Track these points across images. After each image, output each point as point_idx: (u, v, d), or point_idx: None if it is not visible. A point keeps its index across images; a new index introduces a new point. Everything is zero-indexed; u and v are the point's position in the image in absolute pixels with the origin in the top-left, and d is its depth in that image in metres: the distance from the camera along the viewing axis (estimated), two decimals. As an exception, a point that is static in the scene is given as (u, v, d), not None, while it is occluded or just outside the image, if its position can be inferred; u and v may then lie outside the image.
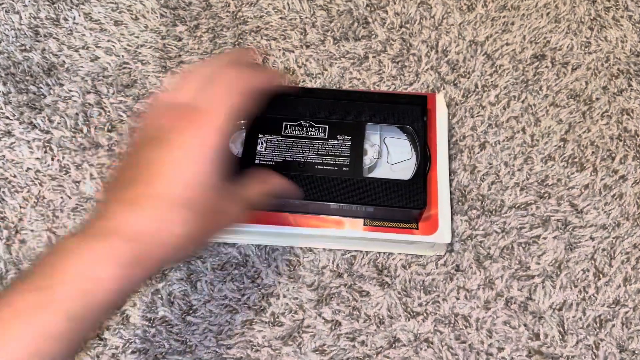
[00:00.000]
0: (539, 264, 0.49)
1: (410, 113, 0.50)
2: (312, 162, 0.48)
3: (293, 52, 0.59)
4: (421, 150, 0.49)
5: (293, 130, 0.49)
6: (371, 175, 0.49)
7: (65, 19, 0.61)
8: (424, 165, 0.48)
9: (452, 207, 0.51)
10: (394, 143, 0.51)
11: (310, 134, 0.49)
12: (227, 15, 0.61)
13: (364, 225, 0.48)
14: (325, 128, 0.49)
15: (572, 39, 0.60)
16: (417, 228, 0.48)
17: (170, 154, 0.35)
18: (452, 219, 0.50)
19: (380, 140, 0.51)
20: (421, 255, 0.50)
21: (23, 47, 0.59)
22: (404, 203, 0.46)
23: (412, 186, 0.47)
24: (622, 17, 0.61)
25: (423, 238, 0.47)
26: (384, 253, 0.50)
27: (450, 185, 0.52)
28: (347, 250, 0.50)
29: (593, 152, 0.54)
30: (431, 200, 0.48)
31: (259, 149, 0.49)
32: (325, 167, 0.48)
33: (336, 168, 0.48)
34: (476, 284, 0.49)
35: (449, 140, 0.53)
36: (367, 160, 0.50)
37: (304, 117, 0.50)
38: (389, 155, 0.50)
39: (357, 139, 0.49)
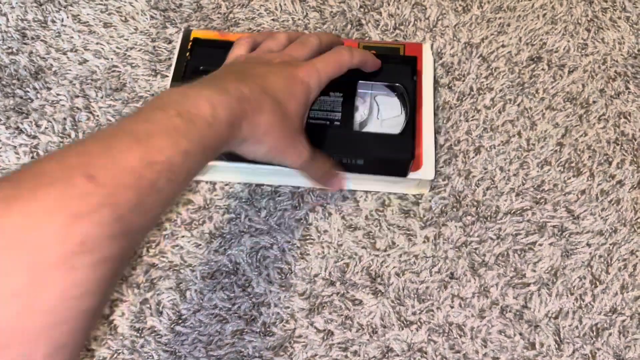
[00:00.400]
0: (534, 271, 0.49)
1: (401, 72, 0.51)
2: None
3: (285, 54, 0.58)
4: (411, 107, 0.50)
5: None
6: (362, 130, 0.51)
7: (53, 21, 0.60)
8: (413, 121, 0.49)
9: (436, 149, 0.53)
10: (384, 101, 0.52)
11: None
12: (218, 17, 0.60)
13: None
14: None
15: (568, 41, 0.59)
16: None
17: (278, 74, 0.42)
18: (435, 159, 0.51)
19: (371, 98, 0.52)
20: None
21: (10, 50, 0.58)
22: (393, 154, 0.48)
23: (402, 139, 0.48)
24: (619, 18, 0.60)
25: (408, 174, 0.49)
26: (377, 259, 0.49)
27: (436, 142, 0.53)
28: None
29: (590, 157, 0.53)
30: (417, 141, 0.50)
31: None
32: (317, 122, 0.49)
33: (328, 122, 0.49)
34: (471, 292, 0.48)
35: (434, 88, 0.54)
36: (358, 116, 0.51)
37: None
38: (379, 112, 0.52)
39: (348, 95, 0.50)
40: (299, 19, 0.60)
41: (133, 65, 0.57)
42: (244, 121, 0.36)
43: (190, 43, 0.52)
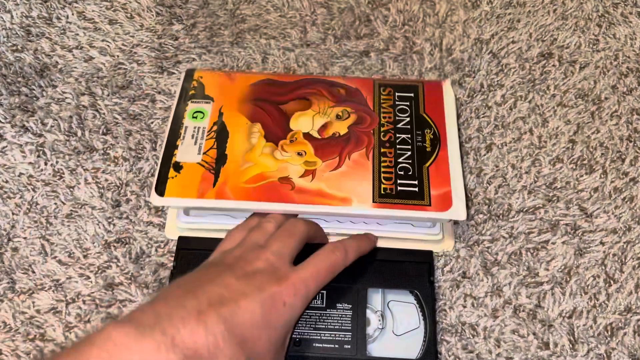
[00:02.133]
0: (547, 270, 0.48)
1: (415, 273, 0.46)
2: (310, 339, 0.44)
3: (293, 51, 0.58)
4: (430, 319, 0.44)
5: None
6: (376, 353, 0.44)
7: (58, 18, 0.59)
8: (434, 340, 0.44)
9: (465, 186, 0.50)
10: (399, 308, 0.46)
11: None
12: (224, 14, 0.60)
13: (373, 202, 0.45)
14: (323, 294, 0.45)
15: (579, 37, 0.58)
16: (430, 205, 0.45)
17: (256, 298, 0.36)
18: (466, 197, 0.48)
19: (383, 304, 0.46)
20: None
21: (15, 48, 0.57)
22: None
23: None
24: (630, 13, 0.60)
25: (437, 215, 0.45)
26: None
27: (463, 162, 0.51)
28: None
29: (602, 154, 0.53)
30: (443, 179, 0.46)
31: None
32: (324, 345, 0.43)
33: (337, 346, 0.43)
34: (483, 291, 0.47)
35: (457, 120, 0.52)
36: (370, 330, 0.45)
37: None
38: (394, 323, 0.45)
39: (358, 307, 0.45)
40: (306, 15, 0.59)
41: (139, 62, 0.57)
42: None
43: (175, 248, 0.47)
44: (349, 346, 0.43)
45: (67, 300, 0.46)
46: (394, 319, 0.46)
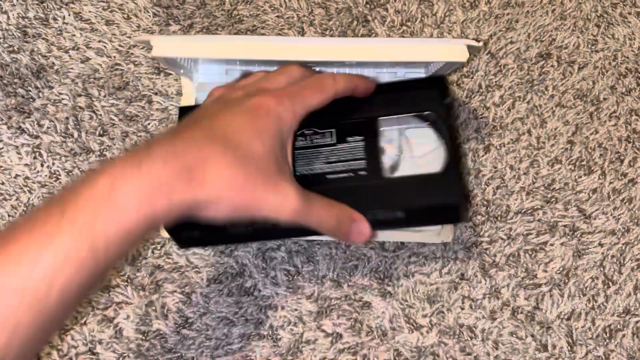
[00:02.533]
0: (546, 271, 0.48)
1: (428, 97, 0.44)
2: (321, 173, 0.42)
3: (290, 52, 0.57)
4: (450, 137, 0.42)
5: (296, 143, 0.42)
6: (395, 175, 0.43)
7: (55, 19, 0.59)
8: (455, 153, 0.42)
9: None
10: (415, 134, 0.44)
11: (316, 142, 0.43)
12: (222, 14, 0.59)
13: None
14: (332, 132, 0.44)
15: (578, 37, 0.58)
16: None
17: (236, 109, 0.35)
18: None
19: (398, 133, 0.45)
20: (425, 259, 0.48)
21: (11, 49, 0.57)
22: (439, 199, 0.40)
23: (445, 179, 0.40)
24: (629, 13, 0.59)
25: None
26: (386, 260, 0.48)
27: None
28: None
29: (601, 155, 0.52)
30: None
31: None
32: (338, 176, 0.42)
33: (351, 174, 0.42)
34: (481, 294, 0.47)
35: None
36: (388, 159, 0.44)
37: (306, 125, 0.42)
38: (412, 149, 0.44)
39: (370, 137, 0.43)
40: (304, 16, 0.59)
41: (136, 63, 0.57)
42: (175, 189, 0.30)
43: (177, 118, 0.47)
44: (365, 172, 0.42)
45: (63, 302, 0.46)
46: (411, 145, 0.44)
